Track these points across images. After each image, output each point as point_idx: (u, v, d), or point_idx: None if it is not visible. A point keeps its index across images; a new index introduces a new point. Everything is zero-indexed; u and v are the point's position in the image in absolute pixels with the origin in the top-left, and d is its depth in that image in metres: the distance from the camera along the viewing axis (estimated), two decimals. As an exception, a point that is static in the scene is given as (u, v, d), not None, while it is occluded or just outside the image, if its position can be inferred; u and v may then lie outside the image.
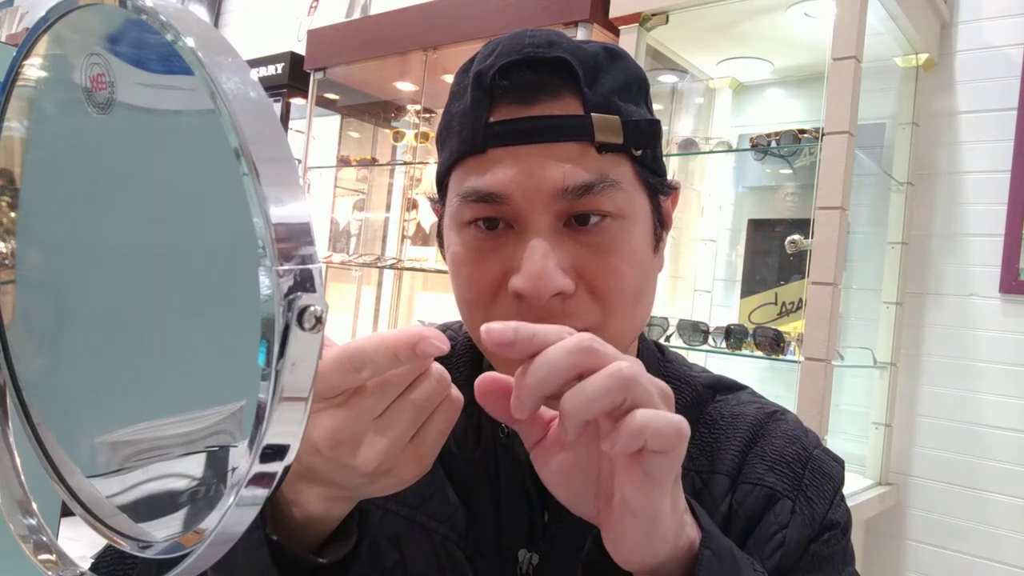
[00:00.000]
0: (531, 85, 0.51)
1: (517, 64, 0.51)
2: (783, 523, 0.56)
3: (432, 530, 0.58)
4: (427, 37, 2.40)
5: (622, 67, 0.55)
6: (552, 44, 0.52)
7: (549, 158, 0.51)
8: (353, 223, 3.22)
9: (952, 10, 1.94)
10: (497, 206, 0.52)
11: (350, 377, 0.37)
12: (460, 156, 0.53)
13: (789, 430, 0.62)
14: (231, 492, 0.27)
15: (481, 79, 0.52)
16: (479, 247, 0.53)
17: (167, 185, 0.30)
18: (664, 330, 1.93)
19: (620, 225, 0.53)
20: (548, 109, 0.51)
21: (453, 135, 0.55)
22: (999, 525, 1.80)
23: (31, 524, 0.36)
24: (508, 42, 0.53)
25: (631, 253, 0.53)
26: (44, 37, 0.34)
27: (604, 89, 0.53)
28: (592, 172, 0.51)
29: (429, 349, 0.37)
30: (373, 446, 0.39)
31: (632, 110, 0.54)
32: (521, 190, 0.51)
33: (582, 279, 0.52)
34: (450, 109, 0.56)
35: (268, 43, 3.43)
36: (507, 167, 0.51)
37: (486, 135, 0.52)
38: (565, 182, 0.50)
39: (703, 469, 0.59)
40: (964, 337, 1.87)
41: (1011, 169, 1.82)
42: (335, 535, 0.47)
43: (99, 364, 0.35)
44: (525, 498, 0.59)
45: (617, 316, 0.53)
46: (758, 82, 2.23)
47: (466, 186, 0.53)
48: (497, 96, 0.52)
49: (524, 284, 0.50)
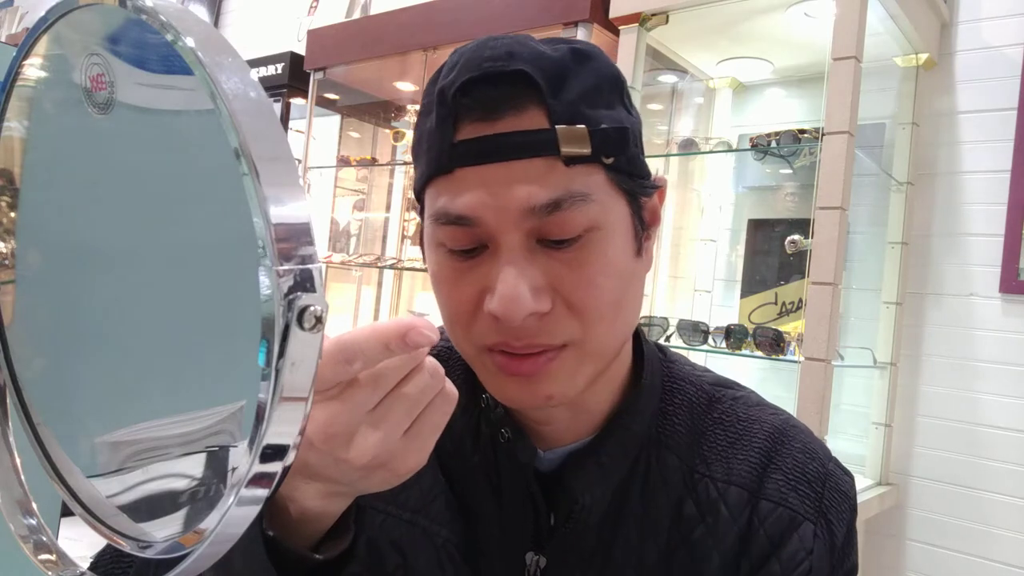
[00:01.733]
0: (493, 101, 0.50)
1: (476, 80, 0.50)
2: (808, 549, 0.56)
3: (434, 534, 0.58)
4: (427, 37, 2.40)
5: (591, 70, 0.53)
6: (512, 56, 0.50)
7: (514, 176, 0.49)
8: (353, 223, 3.22)
9: (952, 10, 1.94)
10: (468, 228, 0.51)
11: (342, 369, 0.37)
12: (430, 176, 0.53)
13: (806, 442, 0.61)
14: (231, 492, 0.27)
15: (443, 97, 0.51)
16: (455, 267, 0.53)
17: (167, 185, 0.30)
18: (664, 330, 1.93)
19: (596, 237, 0.52)
20: (513, 124, 0.50)
21: (423, 153, 0.54)
22: (999, 525, 1.80)
23: (31, 524, 0.36)
24: (469, 55, 0.51)
25: (607, 264, 0.52)
26: (44, 37, 0.34)
27: (571, 97, 0.51)
28: (559, 189, 0.50)
29: (419, 339, 0.37)
30: (366, 439, 0.39)
31: (602, 115, 0.52)
32: (490, 211, 0.50)
33: (558, 294, 0.51)
34: (420, 125, 0.55)
35: (268, 43, 3.42)
36: (474, 188, 0.50)
37: (451, 155, 0.51)
38: (530, 201, 0.49)
39: (719, 477, 0.59)
40: (964, 337, 1.87)
41: (1011, 169, 1.82)
42: (332, 532, 0.47)
43: (99, 364, 0.35)
44: (530, 501, 0.59)
45: (596, 328, 0.52)
46: (758, 82, 2.23)
47: (437, 207, 0.52)
48: (460, 114, 0.50)
49: (497, 308, 0.50)
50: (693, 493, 0.59)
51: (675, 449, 0.60)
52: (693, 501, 0.58)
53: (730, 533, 0.57)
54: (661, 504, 0.59)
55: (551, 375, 0.52)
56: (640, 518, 0.58)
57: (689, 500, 0.58)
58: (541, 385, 0.53)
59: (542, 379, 0.53)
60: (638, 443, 0.60)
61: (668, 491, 0.59)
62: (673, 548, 0.58)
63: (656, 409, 0.61)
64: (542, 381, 0.53)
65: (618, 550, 0.58)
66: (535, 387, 0.53)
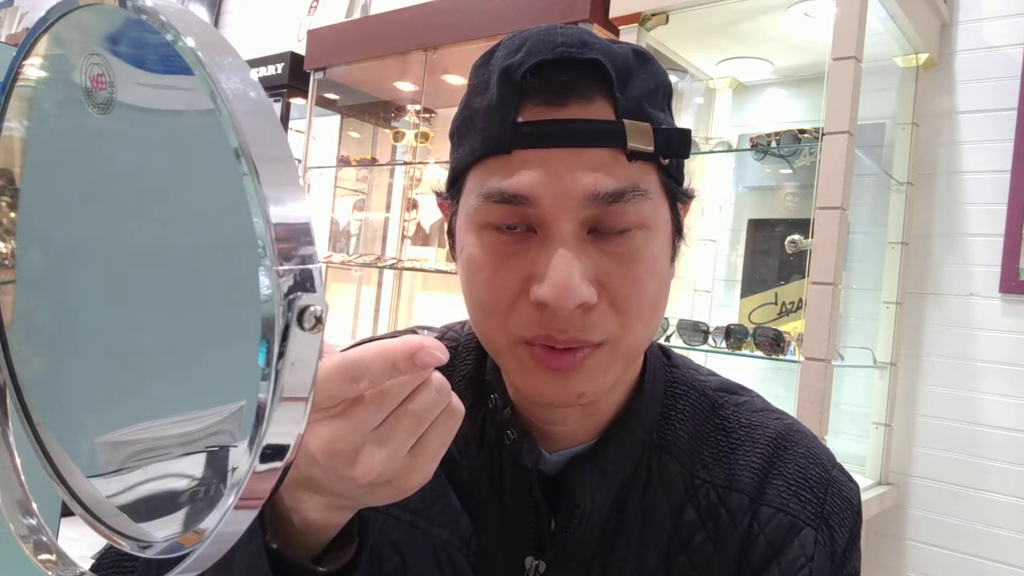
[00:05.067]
0: (562, 86, 0.49)
1: (549, 63, 0.49)
2: (809, 555, 0.56)
3: (435, 536, 0.58)
4: (427, 37, 2.40)
5: (650, 72, 0.53)
6: (585, 45, 0.50)
7: (579, 163, 0.49)
8: (353, 223, 3.22)
9: (952, 10, 1.94)
10: (521, 208, 0.50)
11: (348, 387, 0.37)
12: (483, 155, 0.51)
13: (809, 447, 0.61)
14: (231, 492, 0.27)
15: (510, 75, 0.50)
16: (499, 251, 0.51)
17: (167, 185, 0.30)
18: (664, 330, 1.93)
19: (645, 235, 0.51)
20: (579, 112, 0.49)
21: (475, 132, 0.52)
22: (999, 525, 1.79)
23: (31, 524, 0.36)
24: (538, 39, 0.51)
25: (653, 264, 0.52)
26: (44, 37, 0.34)
27: (635, 94, 0.51)
28: (623, 180, 0.49)
29: (428, 359, 0.37)
30: (371, 457, 0.38)
31: (661, 117, 0.52)
32: (550, 194, 0.49)
33: (604, 289, 0.50)
34: (471, 103, 0.54)
35: (268, 43, 3.42)
36: (534, 169, 0.49)
37: (513, 135, 0.49)
38: (596, 188, 0.48)
39: (720, 483, 0.58)
40: (964, 337, 1.87)
41: (1011, 169, 1.82)
42: (335, 543, 0.46)
43: (99, 364, 0.35)
44: (532, 505, 0.59)
45: (634, 327, 0.52)
46: (758, 82, 2.23)
47: (489, 186, 0.50)
48: (526, 95, 0.49)
49: (548, 294, 0.48)
50: (694, 499, 0.58)
51: (676, 454, 0.60)
52: (694, 507, 0.58)
53: (731, 539, 0.57)
54: (662, 509, 0.58)
55: (586, 372, 0.52)
56: (641, 523, 0.58)
57: (690, 506, 0.58)
58: (575, 382, 0.52)
59: (577, 376, 0.52)
60: (639, 448, 0.59)
61: (669, 497, 0.59)
62: (673, 554, 0.58)
63: (658, 414, 0.61)
64: (577, 378, 0.52)
65: (618, 555, 0.58)
66: (569, 383, 0.52)
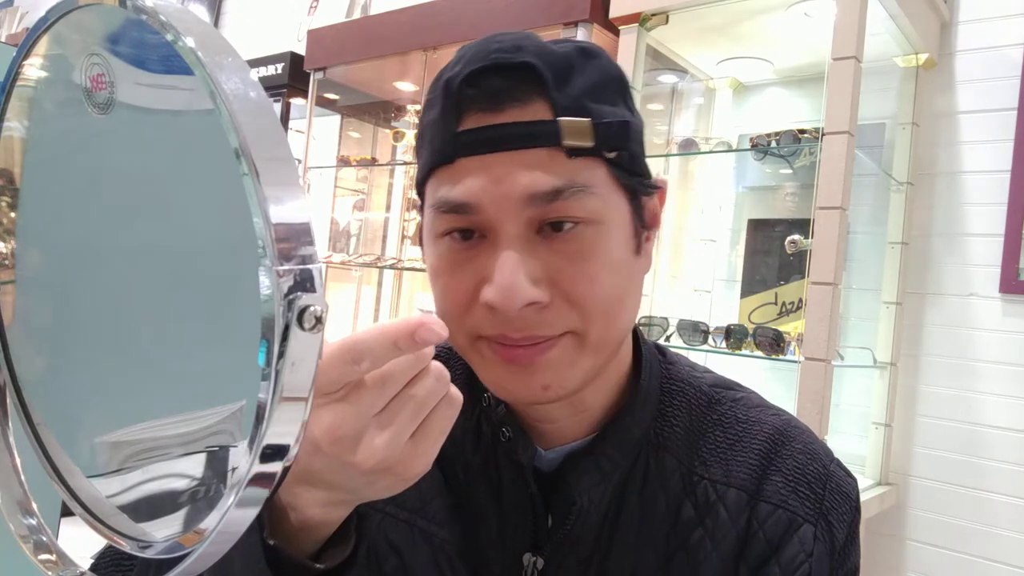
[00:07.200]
0: (498, 92, 0.50)
1: (483, 71, 0.50)
2: (808, 551, 0.56)
3: (432, 535, 0.58)
4: (427, 37, 2.40)
5: (596, 67, 0.54)
6: (519, 48, 0.51)
7: (517, 165, 0.50)
8: (353, 223, 3.22)
9: (952, 10, 1.94)
10: (468, 216, 0.51)
11: (349, 370, 0.37)
12: (432, 166, 0.53)
13: (807, 443, 0.61)
14: (231, 492, 0.27)
15: (449, 88, 0.52)
16: (453, 258, 0.53)
17: (167, 185, 0.30)
18: (664, 330, 1.93)
19: (595, 230, 0.52)
20: (517, 116, 0.50)
21: (426, 145, 0.54)
22: (999, 525, 1.79)
23: (31, 524, 0.36)
24: (476, 48, 0.52)
25: (607, 258, 0.52)
26: (44, 37, 0.34)
27: (575, 91, 0.51)
28: (560, 177, 0.50)
29: (428, 336, 0.37)
30: (373, 442, 0.39)
31: (606, 111, 0.52)
32: (490, 198, 0.50)
33: (557, 287, 0.51)
34: (423, 119, 0.56)
35: (268, 43, 3.42)
36: (477, 176, 0.50)
37: (454, 145, 0.51)
38: (534, 188, 0.49)
39: (718, 479, 0.59)
40: (964, 337, 1.87)
41: (1011, 169, 1.82)
42: (333, 540, 0.46)
43: (99, 364, 0.35)
44: (529, 502, 0.59)
45: (597, 323, 0.52)
46: (758, 82, 2.23)
47: (438, 196, 0.52)
48: (465, 104, 0.51)
49: (494, 296, 0.49)
50: (692, 495, 0.58)
51: (674, 451, 0.60)
52: (692, 503, 0.58)
53: (729, 536, 0.57)
54: (659, 506, 0.58)
55: (548, 364, 0.52)
56: (638, 520, 0.58)
57: (688, 502, 0.58)
58: (538, 375, 0.52)
59: (539, 368, 0.52)
60: (636, 445, 0.59)
61: (667, 493, 0.59)
62: (671, 551, 0.58)
63: (654, 411, 0.61)
64: (538, 371, 0.52)
65: (616, 552, 0.58)
66: (533, 377, 0.52)
